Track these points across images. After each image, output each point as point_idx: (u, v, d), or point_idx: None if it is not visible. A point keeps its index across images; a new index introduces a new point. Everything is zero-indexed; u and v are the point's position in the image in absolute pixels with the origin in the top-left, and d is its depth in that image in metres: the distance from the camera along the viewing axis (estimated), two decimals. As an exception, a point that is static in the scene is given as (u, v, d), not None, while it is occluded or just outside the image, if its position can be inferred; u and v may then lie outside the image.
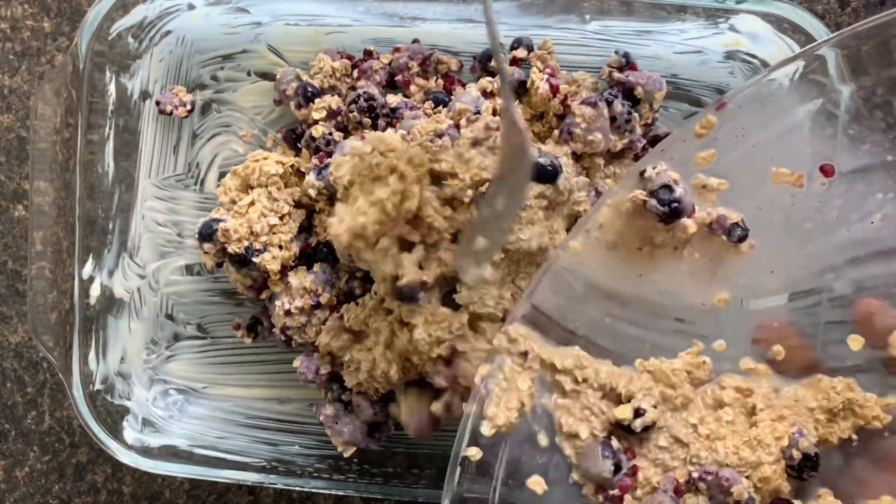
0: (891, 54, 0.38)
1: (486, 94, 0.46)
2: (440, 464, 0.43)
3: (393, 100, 0.47)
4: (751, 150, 0.40)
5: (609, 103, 0.44)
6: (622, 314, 0.41)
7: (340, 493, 0.50)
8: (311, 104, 0.47)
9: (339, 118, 0.47)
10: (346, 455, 0.47)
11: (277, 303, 0.46)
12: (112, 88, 0.48)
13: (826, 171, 0.39)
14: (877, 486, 0.39)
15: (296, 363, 0.47)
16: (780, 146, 0.40)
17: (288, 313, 0.46)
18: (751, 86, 0.39)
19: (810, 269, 0.40)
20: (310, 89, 0.47)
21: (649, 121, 0.47)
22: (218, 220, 0.45)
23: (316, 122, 0.47)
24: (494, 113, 0.45)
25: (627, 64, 0.47)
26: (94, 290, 0.49)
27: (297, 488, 0.48)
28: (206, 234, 0.45)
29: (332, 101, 0.47)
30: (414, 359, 0.42)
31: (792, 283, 0.41)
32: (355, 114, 0.47)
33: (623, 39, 0.48)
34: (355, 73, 0.49)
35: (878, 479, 0.39)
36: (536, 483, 0.39)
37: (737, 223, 0.40)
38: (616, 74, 0.46)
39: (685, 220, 0.40)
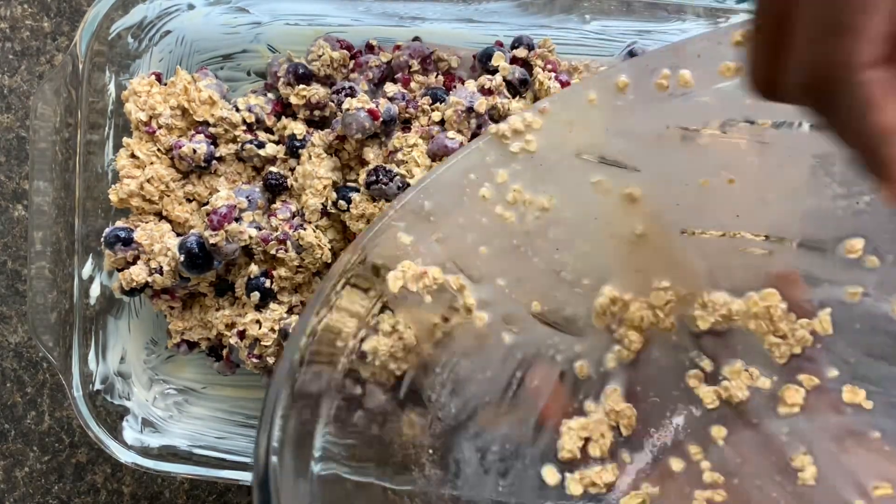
0: None
1: (483, 91, 0.46)
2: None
3: (391, 90, 0.47)
4: None
5: None
6: None
7: (340, 493, 0.50)
8: (300, 85, 0.47)
9: (315, 112, 0.47)
10: None
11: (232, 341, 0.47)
12: (112, 88, 0.48)
13: None
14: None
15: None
16: None
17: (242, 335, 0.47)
18: None
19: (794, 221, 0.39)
20: (301, 70, 0.47)
21: None
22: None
23: (295, 115, 0.48)
24: (491, 109, 0.45)
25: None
26: (94, 290, 0.49)
27: (297, 488, 0.48)
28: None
29: (320, 91, 0.47)
30: None
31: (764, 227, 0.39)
32: (332, 105, 0.47)
33: (623, 39, 0.48)
34: (351, 65, 0.49)
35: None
36: None
37: None
38: None
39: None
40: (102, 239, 0.47)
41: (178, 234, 0.48)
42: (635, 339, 0.40)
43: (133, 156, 0.47)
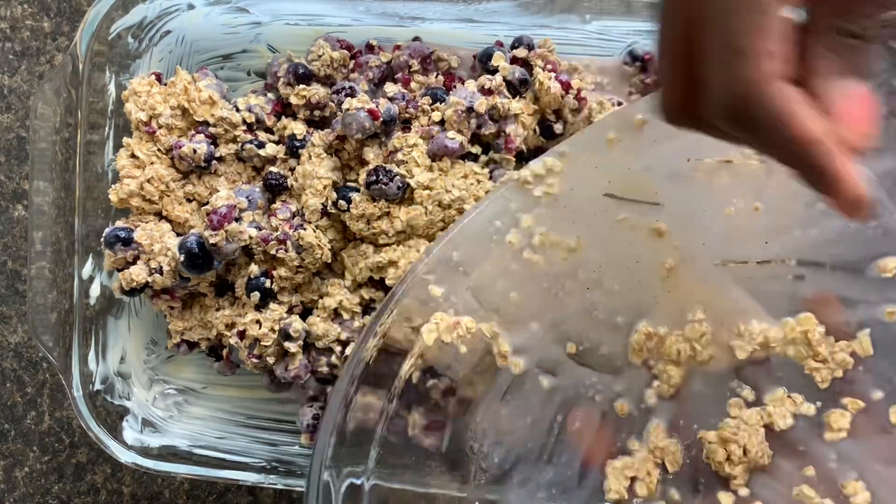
0: None
1: (484, 91, 0.46)
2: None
3: (391, 90, 0.47)
4: None
5: None
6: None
7: (340, 493, 0.50)
8: (300, 85, 0.47)
9: (315, 112, 0.47)
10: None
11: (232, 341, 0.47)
12: (112, 88, 0.48)
13: None
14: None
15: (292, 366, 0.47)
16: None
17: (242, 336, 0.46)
18: None
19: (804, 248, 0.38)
20: (301, 70, 0.47)
21: None
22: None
23: (295, 115, 0.48)
24: (491, 109, 0.45)
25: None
26: (94, 290, 0.49)
27: (298, 488, 0.48)
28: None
29: (320, 91, 0.47)
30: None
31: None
32: (332, 105, 0.47)
33: (623, 39, 0.48)
34: (351, 64, 0.49)
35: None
36: None
37: None
38: None
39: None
40: (102, 239, 0.47)
41: (178, 234, 0.48)
42: (674, 373, 0.40)
43: (133, 156, 0.47)
